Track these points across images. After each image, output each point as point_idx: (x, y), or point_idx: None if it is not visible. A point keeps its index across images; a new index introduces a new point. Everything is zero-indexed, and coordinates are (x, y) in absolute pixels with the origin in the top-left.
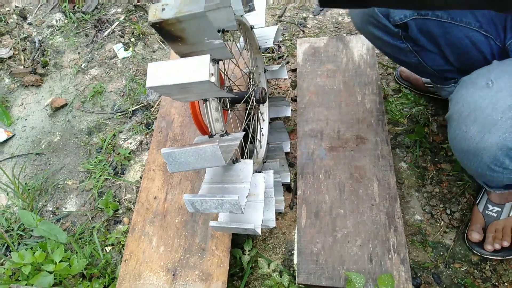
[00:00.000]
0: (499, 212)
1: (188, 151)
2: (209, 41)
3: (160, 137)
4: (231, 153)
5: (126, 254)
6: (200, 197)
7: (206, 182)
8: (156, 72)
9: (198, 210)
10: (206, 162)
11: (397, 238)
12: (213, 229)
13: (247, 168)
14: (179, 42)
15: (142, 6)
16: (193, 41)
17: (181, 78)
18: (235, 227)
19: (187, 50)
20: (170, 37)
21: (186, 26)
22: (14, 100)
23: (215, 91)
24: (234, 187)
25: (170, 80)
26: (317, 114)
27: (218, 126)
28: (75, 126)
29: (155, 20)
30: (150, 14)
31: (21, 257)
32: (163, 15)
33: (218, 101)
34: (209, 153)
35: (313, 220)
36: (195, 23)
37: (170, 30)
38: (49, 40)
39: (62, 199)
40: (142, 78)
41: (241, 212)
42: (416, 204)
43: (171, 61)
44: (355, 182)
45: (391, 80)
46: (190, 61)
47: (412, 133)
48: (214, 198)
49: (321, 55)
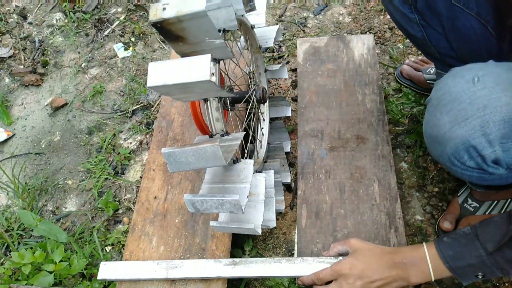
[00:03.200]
0: (476, 207)
1: (188, 151)
2: (210, 41)
3: (160, 136)
4: (232, 153)
5: (126, 254)
6: (200, 197)
7: (206, 182)
8: (157, 72)
9: (199, 210)
10: (206, 162)
11: (397, 238)
12: (213, 229)
13: (247, 168)
14: (180, 42)
15: (143, 6)
16: (194, 40)
17: (182, 77)
18: (235, 227)
19: (188, 49)
20: (171, 37)
21: (186, 25)
22: (14, 99)
23: (216, 91)
24: (234, 187)
25: (170, 79)
26: (318, 114)
27: (219, 125)
28: (75, 125)
29: (155, 20)
30: (151, 14)
31: (21, 256)
32: (164, 15)
33: (218, 100)
34: (209, 153)
35: (313, 220)
36: (196, 22)
37: (170, 30)
38: (49, 40)
39: (62, 199)
40: (142, 77)
41: (242, 212)
42: (416, 204)
43: (172, 61)
44: (355, 182)
45: (392, 80)
46: (191, 61)
47: (412, 133)
48: (214, 198)
49: (322, 54)
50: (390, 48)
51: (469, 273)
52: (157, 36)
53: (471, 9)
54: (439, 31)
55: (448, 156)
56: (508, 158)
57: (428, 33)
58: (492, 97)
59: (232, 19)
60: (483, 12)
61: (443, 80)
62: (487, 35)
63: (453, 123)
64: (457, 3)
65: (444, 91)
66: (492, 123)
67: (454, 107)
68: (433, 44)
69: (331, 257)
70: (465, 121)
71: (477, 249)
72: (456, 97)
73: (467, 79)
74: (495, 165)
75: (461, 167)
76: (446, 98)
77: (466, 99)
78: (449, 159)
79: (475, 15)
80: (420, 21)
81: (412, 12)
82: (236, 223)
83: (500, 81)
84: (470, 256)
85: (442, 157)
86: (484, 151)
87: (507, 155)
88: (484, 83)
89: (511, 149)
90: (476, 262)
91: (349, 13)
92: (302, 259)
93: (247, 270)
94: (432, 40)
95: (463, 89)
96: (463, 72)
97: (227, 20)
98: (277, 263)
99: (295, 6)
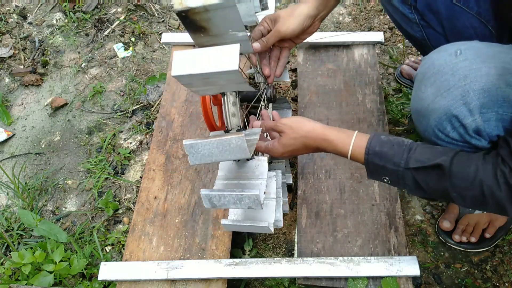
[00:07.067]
0: None
1: (212, 142)
2: (233, 33)
3: (160, 137)
4: (254, 146)
5: (126, 254)
6: (218, 191)
7: (220, 179)
8: (182, 61)
9: (215, 206)
10: (230, 154)
11: (397, 238)
12: (224, 227)
13: (262, 165)
14: (202, 33)
15: (143, 6)
16: (217, 32)
17: (209, 67)
18: (249, 225)
19: (209, 41)
20: (193, 27)
21: (212, 15)
22: (14, 99)
23: (239, 83)
24: (250, 183)
25: (197, 69)
26: (318, 114)
27: (235, 121)
28: (75, 125)
29: (181, 8)
30: (176, 2)
31: (21, 256)
32: (190, 3)
33: (236, 95)
34: (234, 145)
35: (313, 220)
36: (223, 13)
37: (195, 19)
38: (49, 40)
39: (62, 199)
40: (142, 77)
41: (261, 207)
42: (416, 204)
43: (198, 50)
44: (355, 182)
45: (392, 79)
46: (219, 50)
47: (412, 133)
48: (233, 193)
49: (322, 54)
50: (390, 48)
51: (379, 173)
52: (157, 36)
53: (471, 8)
54: (439, 31)
55: (432, 129)
56: (489, 128)
57: (427, 33)
58: (473, 67)
59: (251, 14)
60: (483, 11)
61: (428, 56)
62: (487, 34)
63: (436, 95)
64: (457, 3)
65: (429, 65)
66: (472, 92)
67: (437, 79)
68: (433, 44)
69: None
70: (447, 91)
71: (400, 160)
72: (439, 69)
73: (450, 52)
74: (477, 136)
75: (446, 140)
76: (430, 71)
77: (449, 71)
78: (434, 132)
79: (475, 14)
80: (420, 21)
81: (412, 12)
82: (249, 221)
83: (481, 54)
84: (390, 162)
85: (427, 131)
86: (465, 120)
87: (488, 125)
88: (466, 55)
89: (491, 119)
90: (391, 168)
91: (349, 13)
92: (302, 259)
93: (247, 271)
94: (432, 40)
95: (445, 61)
96: (447, 47)
97: (246, 15)
98: (277, 264)
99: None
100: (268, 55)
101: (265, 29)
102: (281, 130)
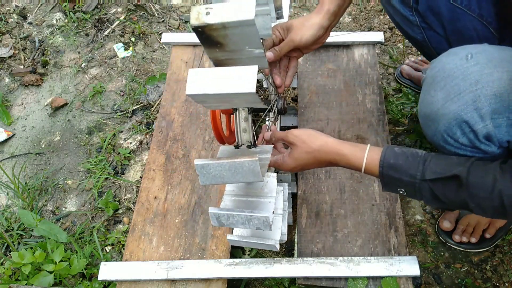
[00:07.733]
0: None
1: (224, 164)
2: (249, 50)
3: (160, 137)
4: (265, 167)
5: (126, 254)
6: (227, 211)
7: (228, 194)
8: (197, 79)
9: (223, 224)
10: (242, 177)
11: (397, 238)
12: (230, 242)
13: (271, 182)
14: (217, 48)
15: (143, 6)
16: (233, 48)
17: (225, 88)
18: (255, 242)
19: (223, 56)
20: (209, 43)
21: (230, 32)
22: (14, 99)
23: (254, 102)
24: (259, 202)
25: (212, 88)
26: (318, 113)
27: (246, 136)
28: (75, 125)
29: (198, 24)
30: (193, 17)
31: (21, 256)
32: (208, 20)
33: (248, 111)
34: (246, 168)
35: (313, 220)
36: (241, 30)
37: (211, 35)
38: (49, 40)
39: (62, 199)
40: (142, 77)
41: (269, 229)
42: (416, 204)
43: (214, 69)
44: (355, 182)
45: (392, 79)
46: (237, 71)
47: (412, 133)
48: (242, 213)
49: (322, 54)
50: (390, 48)
51: (395, 185)
52: (157, 36)
53: (473, 10)
54: (440, 33)
55: (441, 134)
56: (499, 134)
57: (428, 36)
58: (484, 72)
59: (267, 28)
60: (485, 13)
61: (438, 59)
62: (489, 36)
63: (446, 99)
64: (459, 5)
65: (439, 69)
66: (484, 97)
67: (447, 83)
68: (434, 46)
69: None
70: (458, 96)
71: (416, 172)
72: (449, 73)
73: (460, 56)
74: (487, 141)
75: (455, 145)
76: (440, 75)
77: (459, 75)
78: (443, 137)
79: (477, 17)
80: (421, 23)
81: (413, 14)
82: (256, 238)
83: (493, 58)
84: (405, 174)
85: (435, 136)
86: (476, 125)
87: (499, 131)
88: (477, 59)
89: (502, 125)
90: (407, 181)
91: (349, 13)
92: (302, 259)
93: (247, 271)
94: (433, 42)
95: (456, 65)
96: (457, 50)
97: (262, 28)
98: (277, 264)
99: (295, 6)
100: (278, 65)
101: (277, 38)
102: (293, 142)
